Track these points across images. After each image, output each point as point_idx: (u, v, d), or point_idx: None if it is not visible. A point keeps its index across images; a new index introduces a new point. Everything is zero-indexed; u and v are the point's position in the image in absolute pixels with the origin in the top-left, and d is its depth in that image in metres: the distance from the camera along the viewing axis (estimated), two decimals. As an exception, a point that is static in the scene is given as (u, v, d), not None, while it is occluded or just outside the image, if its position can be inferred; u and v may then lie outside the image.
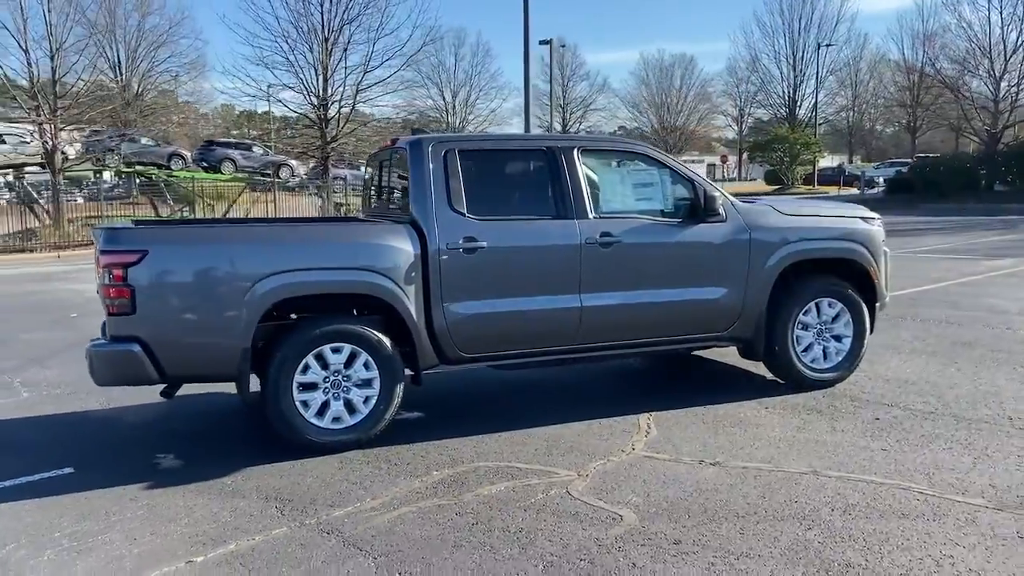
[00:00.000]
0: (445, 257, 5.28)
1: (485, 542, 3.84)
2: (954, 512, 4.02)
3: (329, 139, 34.95)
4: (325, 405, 5.11)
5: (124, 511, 4.33)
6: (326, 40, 34.68)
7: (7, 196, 30.95)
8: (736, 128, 74.99)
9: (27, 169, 33.59)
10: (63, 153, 31.52)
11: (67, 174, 32.25)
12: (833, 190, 45.18)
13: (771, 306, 6.08)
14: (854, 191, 44.17)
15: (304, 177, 39.16)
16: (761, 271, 5.98)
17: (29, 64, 28.84)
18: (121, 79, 47.39)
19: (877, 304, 6.42)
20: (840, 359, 6.33)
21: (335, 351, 5.09)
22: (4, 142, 33.84)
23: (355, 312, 5.33)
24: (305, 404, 5.05)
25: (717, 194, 5.84)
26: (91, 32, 44.66)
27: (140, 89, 48.32)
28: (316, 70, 35.15)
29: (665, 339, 5.97)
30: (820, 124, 58.98)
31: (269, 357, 5.01)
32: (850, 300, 6.27)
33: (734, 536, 3.84)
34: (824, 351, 6.29)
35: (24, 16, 29.37)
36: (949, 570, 3.46)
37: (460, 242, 5.31)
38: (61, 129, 29.03)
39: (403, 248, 5.20)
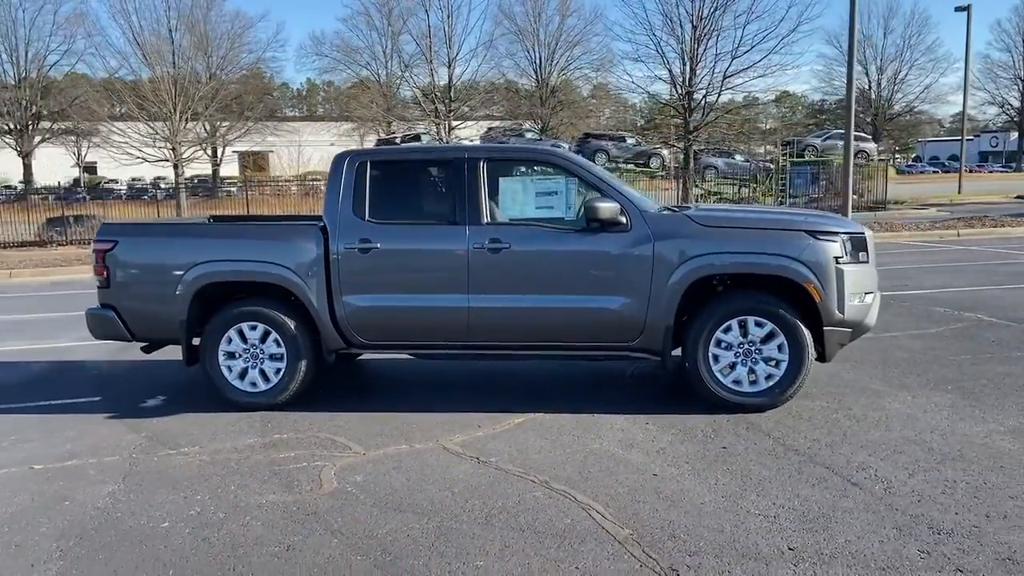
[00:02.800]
0: (343, 256, 6.12)
1: (195, 487, 4.75)
2: (572, 535, 3.97)
3: (692, 128, 35.37)
4: (245, 371, 6.29)
5: (65, 429, 5.98)
6: (694, 28, 35.03)
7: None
8: None
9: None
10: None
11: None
12: None
13: (682, 320, 5.87)
14: None
15: (676, 166, 39.81)
16: (666, 283, 5.80)
17: (431, 72, 34.10)
18: (540, 77, 52.44)
19: (826, 328, 5.75)
20: (771, 384, 5.83)
21: (252, 328, 6.25)
22: (419, 139, 39.89)
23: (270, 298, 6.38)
24: (229, 369, 6.29)
25: (614, 204, 5.80)
26: (519, 36, 50.35)
27: (555, 85, 52.82)
28: (683, 60, 35.75)
29: (563, 345, 6.09)
30: None
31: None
32: (783, 321, 5.75)
33: (349, 521, 4.25)
34: (751, 374, 5.85)
35: (430, 35, 34.59)
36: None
37: (356, 243, 6.10)
38: (453, 128, 34.00)
39: (308, 247, 6.15)
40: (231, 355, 6.29)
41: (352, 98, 54.63)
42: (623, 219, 5.85)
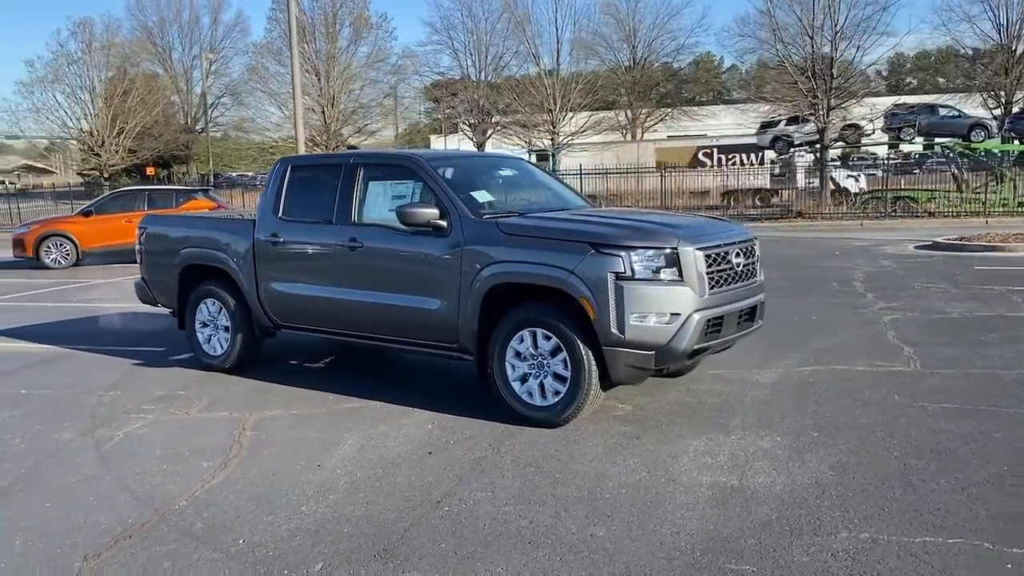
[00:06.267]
0: (261, 246, 7.15)
1: (47, 421, 6.25)
2: (149, 499, 4.65)
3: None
4: (210, 338, 7.67)
5: (96, 368, 7.97)
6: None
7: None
8: None
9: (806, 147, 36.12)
10: (857, 129, 33.98)
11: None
12: None
13: (484, 327, 5.86)
14: None
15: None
16: (469, 289, 5.85)
17: (812, 49, 31.87)
18: (1003, 41, 45.17)
19: (604, 348, 5.31)
20: (555, 400, 5.58)
21: (212, 304, 7.61)
22: (801, 121, 37.22)
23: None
24: (201, 335, 7.74)
25: (426, 209, 5.96)
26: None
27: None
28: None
29: (407, 340, 6.41)
30: None
31: (192, 302, 7.86)
32: (563, 335, 5.47)
33: (66, 456, 5.38)
34: (542, 387, 5.64)
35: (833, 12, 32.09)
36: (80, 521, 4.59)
37: (269, 236, 7.09)
38: (833, 107, 31.27)
39: (240, 238, 7.31)
40: (204, 324, 7.72)
41: (764, 78, 53.04)
42: (443, 223, 5.99)
